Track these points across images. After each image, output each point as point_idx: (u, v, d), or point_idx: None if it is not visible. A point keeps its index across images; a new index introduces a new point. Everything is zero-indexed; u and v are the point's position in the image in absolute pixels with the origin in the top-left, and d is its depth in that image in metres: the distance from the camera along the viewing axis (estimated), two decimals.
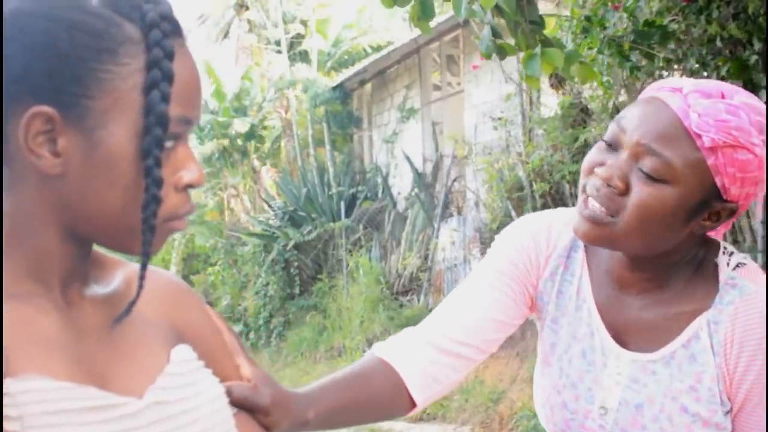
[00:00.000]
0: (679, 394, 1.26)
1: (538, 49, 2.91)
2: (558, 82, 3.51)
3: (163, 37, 0.85)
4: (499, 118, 8.81)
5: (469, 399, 7.30)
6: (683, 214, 1.20)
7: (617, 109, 6.36)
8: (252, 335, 14.14)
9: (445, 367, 1.37)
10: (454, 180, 11.28)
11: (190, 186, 0.90)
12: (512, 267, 1.40)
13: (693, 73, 5.66)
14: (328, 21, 17.03)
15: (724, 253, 1.29)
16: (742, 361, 1.22)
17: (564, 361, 1.37)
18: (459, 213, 10.87)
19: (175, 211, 0.90)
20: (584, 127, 6.83)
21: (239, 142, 16.39)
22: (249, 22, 18.01)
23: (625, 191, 1.19)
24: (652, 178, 1.18)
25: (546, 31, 3.18)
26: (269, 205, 15.20)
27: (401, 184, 12.88)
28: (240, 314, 14.80)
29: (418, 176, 11.98)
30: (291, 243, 13.23)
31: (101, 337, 0.91)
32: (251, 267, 14.46)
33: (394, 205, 12.62)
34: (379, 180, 13.44)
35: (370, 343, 10.57)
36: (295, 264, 13.40)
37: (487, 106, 9.73)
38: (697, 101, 1.17)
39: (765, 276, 1.27)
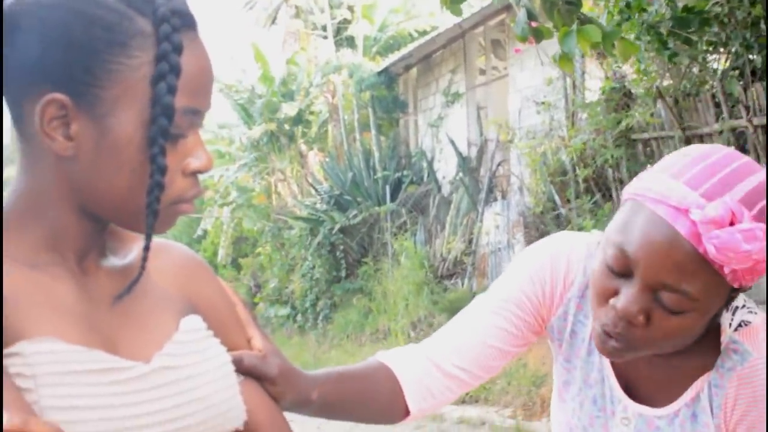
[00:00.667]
0: None
1: (574, 26, 2.88)
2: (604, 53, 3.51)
3: (172, 31, 0.90)
4: (543, 103, 8.78)
5: (511, 382, 7.33)
6: (708, 322, 1.19)
7: (660, 94, 6.33)
8: (299, 318, 14.28)
9: (440, 385, 1.37)
10: (499, 164, 11.27)
11: (198, 172, 0.96)
12: (523, 297, 1.36)
13: (737, 57, 5.61)
14: (374, 6, 17.02)
15: (727, 310, 1.25)
16: (742, 427, 1.24)
17: (576, 403, 1.37)
18: (503, 197, 10.87)
19: (182, 195, 0.96)
20: (627, 111, 6.79)
21: (287, 126, 16.49)
22: (296, 7, 18.08)
23: (647, 324, 1.15)
24: (674, 311, 1.13)
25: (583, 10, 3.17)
26: (315, 189, 15.29)
27: (446, 169, 12.89)
28: (287, 297, 14.95)
29: (463, 160, 11.97)
30: (337, 226, 13.32)
31: (114, 306, 0.97)
32: (298, 250, 14.58)
33: (439, 189, 12.64)
34: (424, 164, 13.45)
35: (414, 327, 10.65)
36: (341, 247, 13.49)
37: (530, 90, 9.70)
38: (713, 234, 1.07)
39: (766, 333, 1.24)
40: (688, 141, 6.16)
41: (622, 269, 1.15)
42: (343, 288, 13.35)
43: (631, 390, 1.33)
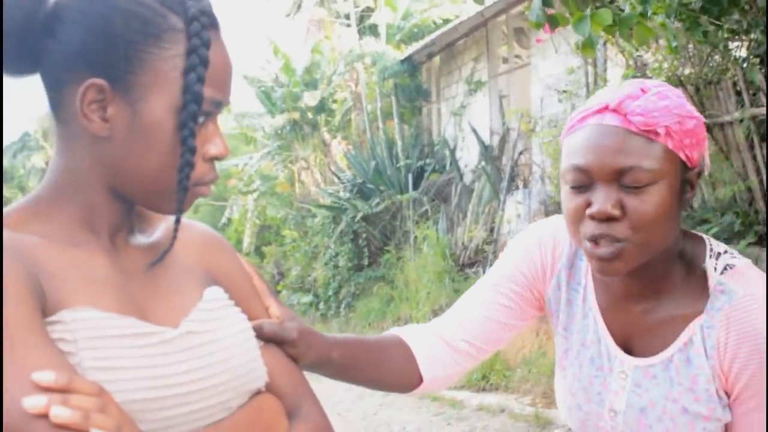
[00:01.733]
0: (678, 396, 1.32)
1: (588, 11, 2.90)
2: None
3: (202, 28, 1.01)
4: (564, 91, 8.76)
5: (531, 370, 7.35)
6: (676, 199, 1.26)
7: (680, 82, 6.30)
8: (321, 305, 14.37)
9: (449, 357, 1.50)
10: (521, 153, 11.26)
11: (216, 158, 1.06)
12: (518, 274, 1.49)
13: (759, 44, 5.58)
14: None
15: (711, 256, 1.33)
16: (737, 364, 1.27)
17: (576, 367, 1.45)
18: (525, 186, 10.86)
19: (202, 178, 1.06)
20: None
21: (310, 115, 16.54)
22: None
23: (623, 215, 1.24)
24: (638, 188, 1.23)
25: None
26: (338, 178, 15.34)
27: (468, 157, 12.90)
28: (310, 285, 15.03)
29: (485, 149, 11.97)
30: (359, 215, 13.38)
31: (144, 278, 1.08)
32: (321, 238, 14.66)
33: (461, 177, 12.65)
34: (447, 153, 13.46)
35: (435, 315, 10.63)
36: (364, 235, 13.55)
37: (552, 79, 9.67)
38: (632, 106, 1.23)
39: (754, 273, 1.30)
40: (709, 129, 6.14)
41: (584, 182, 1.27)
42: (365, 276, 13.41)
43: (627, 346, 1.39)
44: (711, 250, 1.34)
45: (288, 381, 1.17)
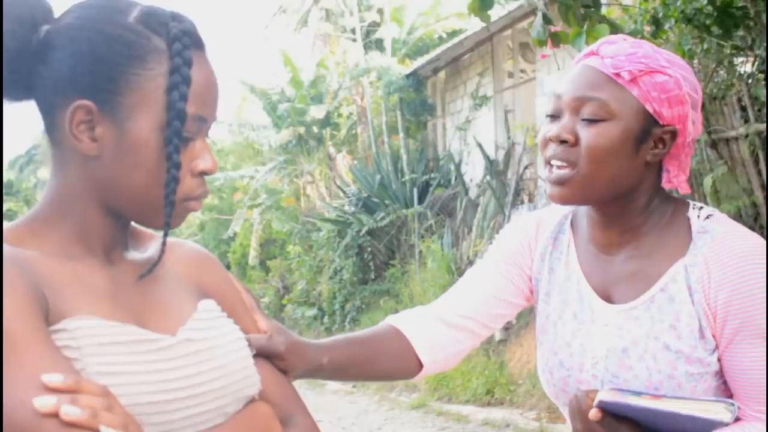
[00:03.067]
0: (660, 333, 1.36)
1: (585, 26, 2.92)
2: None
3: (183, 48, 1.06)
4: None
5: (536, 384, 7.34)
6: (630, 144, 1.34)
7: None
8: (326, 319, 14.35)
9: (449, 337, 1.54)
10: (526, 167, 11.26)
11: (204, 173, 1.11)
12: (508, 252, 1.59)
13: (763, 60, 5.59)
14: (402, 8, 17.08)
15: (694, 208, 1.42)
16: (721, 298, 1.31)
17: (558, 326, 1.50)
18: (530, 200, 10.87)
19: (191, 193, 1.10)
20: None
21: (315, 129, 16.58)
22: (326, 10, 18.18)
23: (576, 142, 1.36)
24: (593, 120, 1.34)
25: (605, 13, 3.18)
26: (344, 192, 15.36)
27: (473, 172, 12.91)
28: (315, 298, 15.02)
29: (490, 163, 11.99)
30: (364, 229, 13.39)
31: (140, 290, 1.12)
32: (326, 252, 14.66)
33: (466, 192, 12.66)
34: (452, 167, 13.48)
35: None
36: (369, 249, 13.55)
37: None
38: (606, 50, 1.37)
39: (734, 221, 1.39)
40: (713, 144, 6.15)
41: (557, 111, 1.40)
42: (370, 290, 13.41)
43: (609, 296, 1.45)
44: (694, 205, 1.43)
45: (278, 392, 1.22)
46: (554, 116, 1.40)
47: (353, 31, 17.10)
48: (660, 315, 1.37)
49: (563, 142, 1.37)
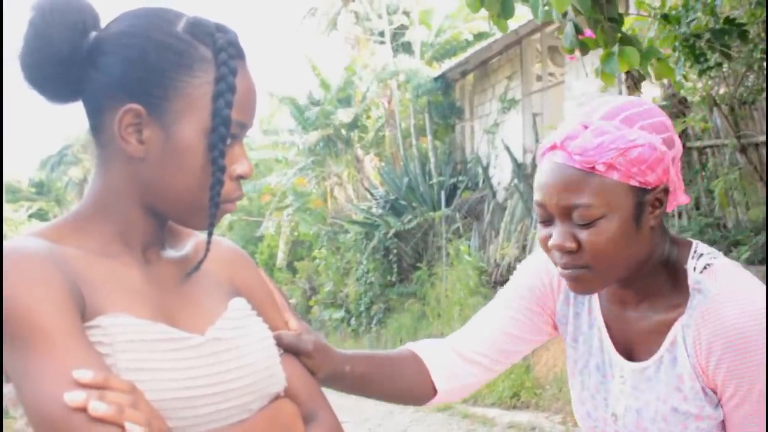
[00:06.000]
0: (667, 396, 1.37)
1: (615, 48, 2.98)
2: (633, 84, 3.42)
3: (228, 58, 1.11)
4: None
5: (563, 388, 7.33)
6: (631, 224, 1.30)
7: (715, 101, 6.29)
8: (353, 321, 14.40)
9: (463, 369, 1.56)
10: None
11: (242, 177, 1.15)
12: (528, 291, 1.57)
13: None
14: (431, 11, 17.10)
15: (693, 257, 1.38)
16: (712, 364, 1.30)
17: (585, 375, 1.51)
18: None
19: (229, 196, 1.15)
20: (682, 119, 6.75)
21: (343, 131, 16.65)
22: (355, 13, 18.25)
23: (579, 246, 1.31)
24: (588, 224, 1.29)
25: (625, 27, 3.23)
26: (371, 194, 15.41)
27: (501, 175, 12.90)
28: (342, 300, 15.08)
29: (518, 167, 11.98)
30: (392, 231, 13.42)
31: (173, 289, 1.17)
32: (353, 254, 14.71)
33: (494, 195, 12.65)
34: (480, 170, 13.48)
35: None
36: (395, 252, 13.58)
37: (586, 97, 9.67)
38: (572, 146, 1.28)
39: (731, 272, 1.34)
40: (743, 149, 6.11)
41: (546, 218, 1.35)
42: (397, 292, 13.44)
43: (629, 352, 1.45)
44: (695, 252, 1.39)
45: (304, 388, 1.25)
46: (544, 221, 1.35)
47: (382, 34, 17.15)
48: (666, 377, 1.38)
49: (567, 250, 1.32)
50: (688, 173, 6.92)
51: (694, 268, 1.36)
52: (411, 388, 1.54)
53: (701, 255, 1.38)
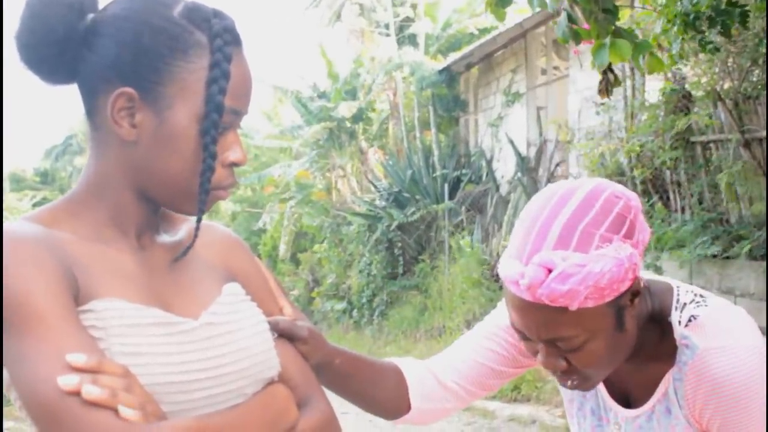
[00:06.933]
0: None
1: (607, 40, 2.97)
2: (605, 88, 3.31)
3: (224, 44, 1.10)
4: (602, 104, 8.73)
5: None
6: (615, 332, 1.29)
7: (719, 96, 6.28)
8: (355, 313, 14.42)
9: (438, 394, 1.57)
10: (557, 165, 11.24)
11: (234, 164, 1.15)
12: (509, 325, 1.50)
13: None
14: (436, 4, 17.06)
15: (676, 308, 1.36)
16: (706, 415, 1.32)
17: (580, 417, 1.54)
18: None
19: (221, 183, 1.15)
20: (686, 113, 6.74)
21: (347, 124, 16.64)
22: (360, 5, 18.20)
23: (571, 366, 1.31)
24: (574, 349, 1.28)
25: (631, 22, 3.23)
26: (375, 186, 15.41)
27: (505, 168, 12.90)
28: (344, 292, 15.09)
29: (522, 160, 11.97)
30: (395, 223, 13.43)
31: (167, 274, 1.17)
32: (356, 246, 14.72)
33: (497, 188, 12.65)
34: (483, 163, 13.47)
35: (469, 325, 10.67)
36: (399, 244, 13.59)
37: (590, 91, 9.63)
38: (538, 293, 1.21)
39: (717, 323, 1.32)
40: (746, 144, 6.10)
41: (525, 337, 1.33)
42: (399, 284, 13.45)
43: (623, 397, 1.47)
44: (677, 301, 1.37)
45: (299, 373, 1.25)
46: (528, 339, 1.33)
47: (387, 26, 17.11)
48: (659, 427, 1.39)
49: (558, 370, 1.33)
50: (692, 168, 6.91)
51: (679, 322, 1.34)
52: (388, 398, 1.54)
53: (684, 305, 1.36)
